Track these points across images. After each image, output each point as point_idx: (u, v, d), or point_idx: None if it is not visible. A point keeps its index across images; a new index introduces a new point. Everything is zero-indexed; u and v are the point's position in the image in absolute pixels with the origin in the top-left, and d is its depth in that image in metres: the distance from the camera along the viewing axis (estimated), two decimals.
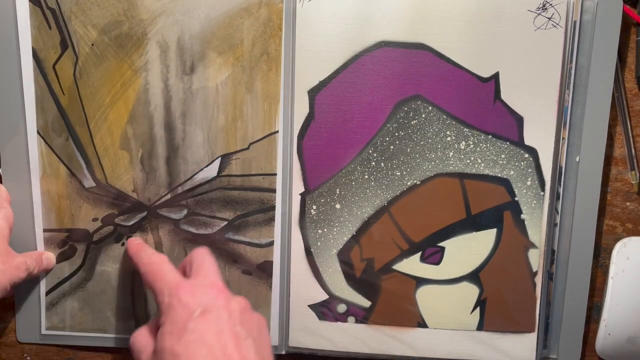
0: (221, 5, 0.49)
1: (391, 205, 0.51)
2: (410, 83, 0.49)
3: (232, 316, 0.40)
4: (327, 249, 0.52)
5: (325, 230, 0.51)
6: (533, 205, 0.50)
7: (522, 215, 0.51)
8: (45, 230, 0.52)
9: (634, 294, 0.51)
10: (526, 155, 0.50)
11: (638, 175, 0.52)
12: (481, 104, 0.49)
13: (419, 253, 0.51)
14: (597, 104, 0.50)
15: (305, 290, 0.52)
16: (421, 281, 0.52)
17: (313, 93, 0.50)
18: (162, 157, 0.51)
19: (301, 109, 0.50)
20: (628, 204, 0.53)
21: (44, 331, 0.54)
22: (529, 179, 0.50)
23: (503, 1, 0.48)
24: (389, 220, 0.51)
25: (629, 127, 0.52)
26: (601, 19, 0.48)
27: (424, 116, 0.50)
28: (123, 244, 0.52)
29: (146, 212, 0.52)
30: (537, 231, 0.51)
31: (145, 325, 0.43)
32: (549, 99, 0.49)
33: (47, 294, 0.53)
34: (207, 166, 0.51)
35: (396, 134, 0.50)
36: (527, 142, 0.50)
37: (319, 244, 0.51)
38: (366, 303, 0.52)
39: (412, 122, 0.50)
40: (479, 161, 0.50)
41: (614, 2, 0.48)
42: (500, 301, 0.52)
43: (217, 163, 0.51)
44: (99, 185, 0.51)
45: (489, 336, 0.53)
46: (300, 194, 0.51)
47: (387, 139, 0.50)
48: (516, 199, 0.50)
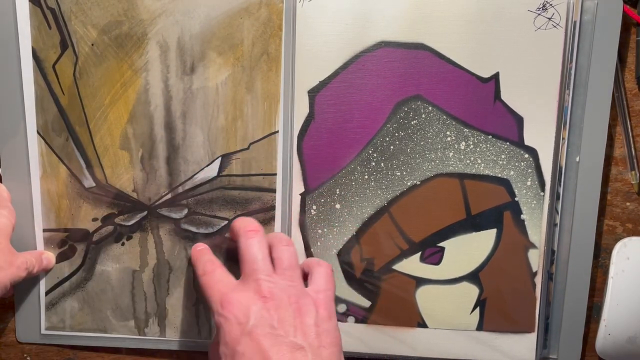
0: (221, 5, 0.49)
1: (391, 206, 0.51)
2: (410, 83, 0.49)
3: (283, 325, 0.40)
4: (327, 248, 0.52)
5: (325, 230, 0.51)
6: (533, 205, 0.50)
7: (522, 216, 0.51)
8: (45, 230, 0.52)
9: (634, 294, 0.51)
10: (526, 156, 0.50)
11: (638, 175, 0.52)
12: (481, 104, 0.49)
13: (419, 253, 0.51)
14: (597, 104, 0.50)
15: None
16: (421, 281, 0.52)
17: (313, 93, 0.50)
18: (162, 157, 0.51)
19: (301, 109, 0.50)
20: (628, 204, 0.53)
21: (43, 331, 0.54)
22: (529, 179, 0.50)
23: (503, 1, 0.48)
24: (388, 220, 0.51)
25: (629, 127, 0.52)
26: (601, 19, 0.48)
27: (424, 116, 0.50)
28: (123, 244, 0.52)
29: (146, 212, 0.52)
30: (537, 231, 0.51)
31: (215, 336, 0.43)
32: (549, 99, 0.49)
33: (47, 293, 0.53)
34: (207, 166, 0.51)
35: (396, 134, 0.50)
36: (527, 142, 0.50)
37: (318, 244, 0.51)
38: (366, 303, 0.52)
39: (412, 123, 0.50)
40: (479, 161, 0.50)
41: (614, 2, 0.48)
42: (500, 301, 0.52)
43: (217, 163, 0.51)
44: (99, 185, 0.51)
45: (489, 336, 0.53)
46: (300, 194, 0.51)
47: (387, 139, 0.50)
48: (516, 199, 0.50)
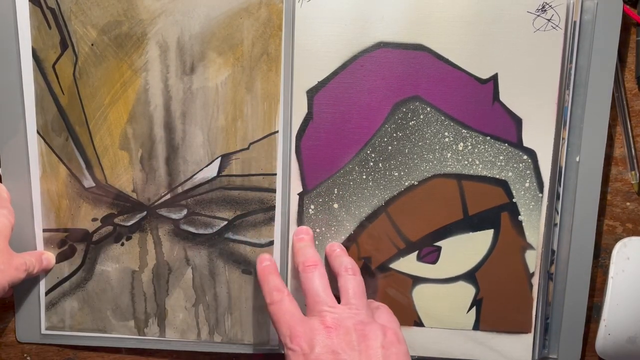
0: (221, 5, 0.49)
1: (389, 205, 0.51)
2: (409, 84, 0.49)
3: (346, 350, 0.41)
4: (325, 247, 0.52)
5: (323, 229, 0.51)
6: (531, 207, 0.50)
7: (519, 217, 0.51)
8: (44, 230, 0.52)
9: (634, 294, 0.51)
10: (525, 157, 0.50)
11: (638, 175, 0.52)
12: (480, 105, 0.49)
13: (416, 252, 0.51)
14: (597, 104, 0.50)
15: None
16: (417, 280, 0.52)
17: (312, 93, 0.50)
18: (162, 157, 0.51)
19: (299, 109, 0.50)
20: (628, 204, 0.53)
21: (43, 331, 0.54)
22: (527, 181, 0.50)
23: (502, 2, 0.48)
24: (386, 220, 0.51)
25: (629, 127, 0.52)
26: (601, 19, 0.48)
27: (422, 117, 0.50)
28: (122, 244, 0.52)
29: (146, 212, 0.52)
30: (534, 233, 0.51)
31: None
32: (547, 100, 0.49)
33: (47, 293, 0.53)
34: (207, 166, 0.51)
35: (394, 135, 0.50)
36: (525, 143, 0.50)
37: (317, 243, 0.51)
38: None
39: (411, 123, 0.50)
40: (477, 162, 0.50)
41: (614, 2, 0.48)
42: (496, 302, 0.52)
43: (217, 163, 0.51)
44: (99, 185, 0.51)
45: (485, 336, 0.53)
46: (299, 194, 0.51)
47: (385, 139, 0.50)
48: (514, 200, 0.50)
